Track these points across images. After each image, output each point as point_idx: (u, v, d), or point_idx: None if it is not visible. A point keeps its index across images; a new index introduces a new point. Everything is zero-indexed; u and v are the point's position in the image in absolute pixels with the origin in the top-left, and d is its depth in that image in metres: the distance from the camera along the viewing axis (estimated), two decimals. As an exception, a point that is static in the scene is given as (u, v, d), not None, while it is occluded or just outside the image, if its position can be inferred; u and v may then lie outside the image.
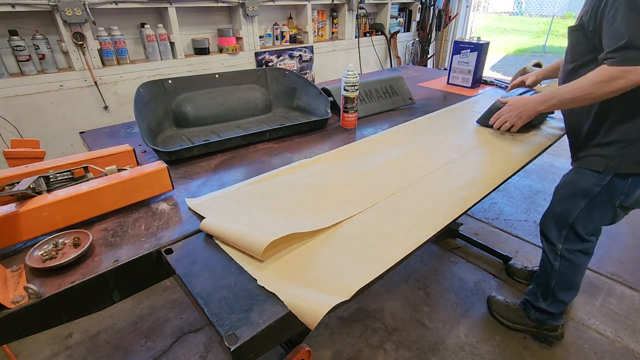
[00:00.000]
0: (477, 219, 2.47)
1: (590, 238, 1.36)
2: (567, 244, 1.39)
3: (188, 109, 1.43)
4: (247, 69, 1.59)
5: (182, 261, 0.76)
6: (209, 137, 1.35)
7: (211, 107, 1.48)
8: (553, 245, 1.42)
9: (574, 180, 1.33)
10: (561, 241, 1.39)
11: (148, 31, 2.42)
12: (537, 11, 13.13)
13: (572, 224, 1.34)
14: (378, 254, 0.80)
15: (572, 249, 1.38)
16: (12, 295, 0.66)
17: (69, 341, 1.60)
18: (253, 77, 1.63)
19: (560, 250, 1.40)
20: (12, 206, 0.77)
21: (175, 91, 1.43)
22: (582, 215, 1.31)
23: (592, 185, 1.25)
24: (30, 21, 2.09)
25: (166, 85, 1.41)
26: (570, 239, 1.37)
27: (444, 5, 4.43)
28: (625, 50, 0.97)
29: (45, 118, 2.18)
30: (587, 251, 1.39)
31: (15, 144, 1.05)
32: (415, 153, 1.28)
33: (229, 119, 1.52)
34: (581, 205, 1.29)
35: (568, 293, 1.48)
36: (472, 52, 2.02)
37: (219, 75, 1.53)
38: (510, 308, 1.67)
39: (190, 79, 1.47)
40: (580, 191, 1.29)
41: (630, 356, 1.54)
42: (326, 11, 3.52)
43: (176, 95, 1.43)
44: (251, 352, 0.61)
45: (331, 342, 1.60)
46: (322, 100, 1.54)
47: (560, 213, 1.37)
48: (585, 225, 1.33)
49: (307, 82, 1.62)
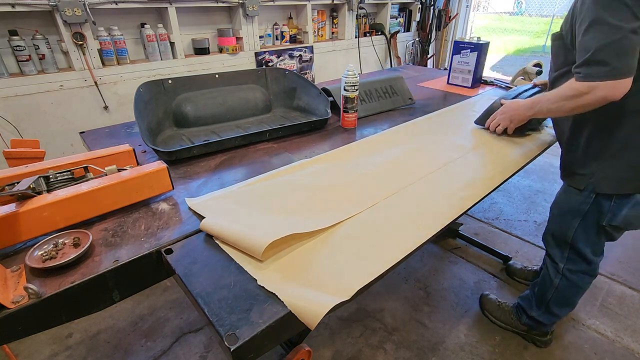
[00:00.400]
0: (477, 219, 2.47)
1: (595, 258, 1.29)
2: (570, 264, 1.33)
3: (188, 109, 1.43)
4: (247, 69, 1.60)
5: (182, 261, 0.76)
6: (209, 137, 1.35)
7: (211, 107, 1.47)
8: (555, 263, 1.37)
9: (563, 198, 1.30)
10: (564, 261, 1.34)
11: (148, 31, 2.42)
12: (537, 11, 13.13)
13: (572, 243, 1.28)
14: (378, 254, 0.80)
15: (575, 270, 1.33)
16: (12, 295, 0.65)
17: (69, 341, 1.60)
18: (253, 77, 1.63)
19: (562, 269, 1.35)
20: (12, 206, 0.77)
21: (175, 91, 1.43)
22: (579, 233, 1.25)
23: (579, 204, 1.21)
24: (30, 21, 2.09)
25: (166, 85, 1.41)
26: (572, 259, 1.32)
27: (444, 5, 4.43)
28: (589, 65, 0.92)
29: (45, 118, 2.18)
30: (592, 273, 1.33)
31: (15, 144, 1.05)
32: (415, 153, 1.28)
33: (229, 119, 1.51)
34: (574, 224, 1.25)
35: (563, 309, 1.45)
36: (472, 52, 2.02)
37: (219, 75, 1.53)
38: (503, 308, 1.67)
39: (190, 79, 1.47)
40: (571, 210, 1.25)
41: (630, 356, 1.54)
42: (326, 11, 3.52)
43: (176, 95, 1.43)
44: (251, 352, 0.61)
45: (331, 342, 1.60)
46: (322, 100, 1.54)
47: (557, 231, 1.33)
48: (586, 244, 1.26)
49: (307, 82, 1.62)
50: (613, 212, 1.14)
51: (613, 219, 1.15)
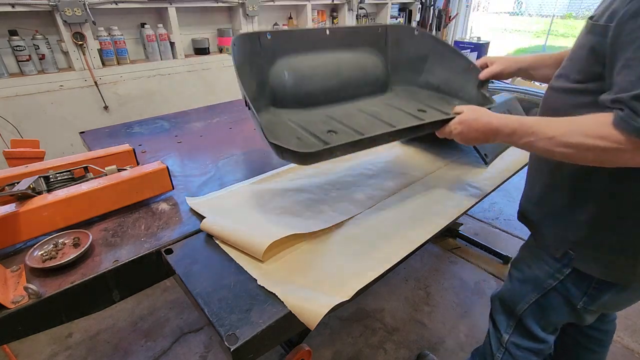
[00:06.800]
0: (477, 219, 2.47)
1: (547, 337, 0.98)
2: (516, 338, 1.01)
3: (292, 81, 1.03)
4: (364, 25, 1.23)
5: (182, 261, 0.76)
6: (329, 126, 0.97)
7: (322, 79, 1.07)
8: (499, 332, 1.05)
9: (526, 260, 0.96)
10: (509, 331, 1.02)
11: (148, 31, 2.42)
12: (537, 11, 13.11)
13: (520, 316, 0.98)
14: (378, 254, 0.80)
15: (521, 346, 1.01)
16: (12, 295, 0.66)
17: (69, 341, 1.60)
18: (372, 36, 1.18)
19: (506, 342, 1.03)
20: (12, 206, 0.77)
21: (274, 52, 1.03)
22: (532, 310, 0.95)
23: (546, 275, 0.88)
24: (30, 21, 2.09)
25: (263, 41, 1.00)
26: (519, 332, 1.01)
27: (444, 5, 4.43)
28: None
29: (45, 118, 2.17)
30: (541, 352, 1.01)
31: (15, 144, 1.05)
32: (415, 153, 1.28)
33: (344, 98, 1.11)
34: (531, 298, 0.93)
35: None
36: (472, 52, 2.02)
37: (329, 31, 1.10)
38: None
39: (293, 34, 1.06)
40: (534, 279, 0.92)
41: (630, 356, 1.54)
42: (326, 11, 3.52)
43: (275, 59, 1.02)
44: (251, 352, 0.61)
45: (331, 342, 1.60)
46: (472, 77, 1.06)
47: (508, 297, 1.02)
48: (537, 322, 0.97)
49: (447, 47, 1.13)
50: (592, 296, 0.83)
51: (590, 303, 0.85)
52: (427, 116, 1.03)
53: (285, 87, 1.02)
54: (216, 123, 1.59)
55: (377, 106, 1.10)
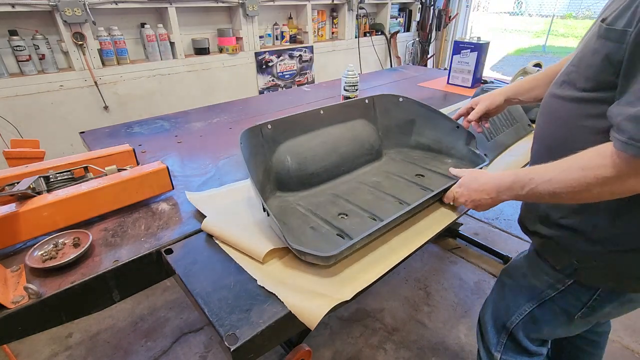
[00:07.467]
0: (477, 219, 2.47)
1: (539, 349, 0.96)
2: (508, 355, 0.98)
3: (296, 165, 1.05)
4: (354, 99, 1.24)
5: (182, 261, 0.76)
6: (337, 206, 0.99)
7: (322, 157, 1.10)
8: (489, 353, 1.01)
9: (523, 270, 0.92)
10: (499, 349, 0.99)
11: (148, 31, 2.42)
12: (537, 11, 13.12)
13: (512, 331, 0.95)
14: (378, 254, 0.80)
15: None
16: (12, 295, 0.66)
17: (69, 341, 1.60)
18: (361, 109, 1.23)
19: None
20: (12, 206, 0.77)
21: (275, 140, 1.05)
22: (526, 322, 0.92)
23: (543, 285, 0.86)
24: (30, 21, 2.09)
25: (265, 132, 1.02)
26: (510, 348, 0.98)
27: (444, 5, 4.43)
28: None
29: (45, 118, 2.18)
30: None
31: (15, 144, 1.05)
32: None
33: (344, 171, 1.14)
34: (526, 309, 0.90)
35: None
36: (472, 52, 2.02)
37: (323, 111, 1.15)
38: None
39: (291, 120, 1.08)
40: (530, 289, 0.89)
41: (630, 356, 1.54)
42: (326, 11, 3.52)
43: (277, 146, 1.05)
44: (251, 352, 0.61)
45: (331, 342, 1.60)
46: (460, 135, 1.14)
47: (499, 310, 0.99)
48: (530, 335, 0.94)
49: (431, 111, 1.21)
50: (592, 307, 0.81)
51: (589, 314, 0.82)
52: (426, 180, 1.10)
53: (290, 171, 1.04)
54: (216, 123, 1.60)
55: (376, 176, 1.15)
